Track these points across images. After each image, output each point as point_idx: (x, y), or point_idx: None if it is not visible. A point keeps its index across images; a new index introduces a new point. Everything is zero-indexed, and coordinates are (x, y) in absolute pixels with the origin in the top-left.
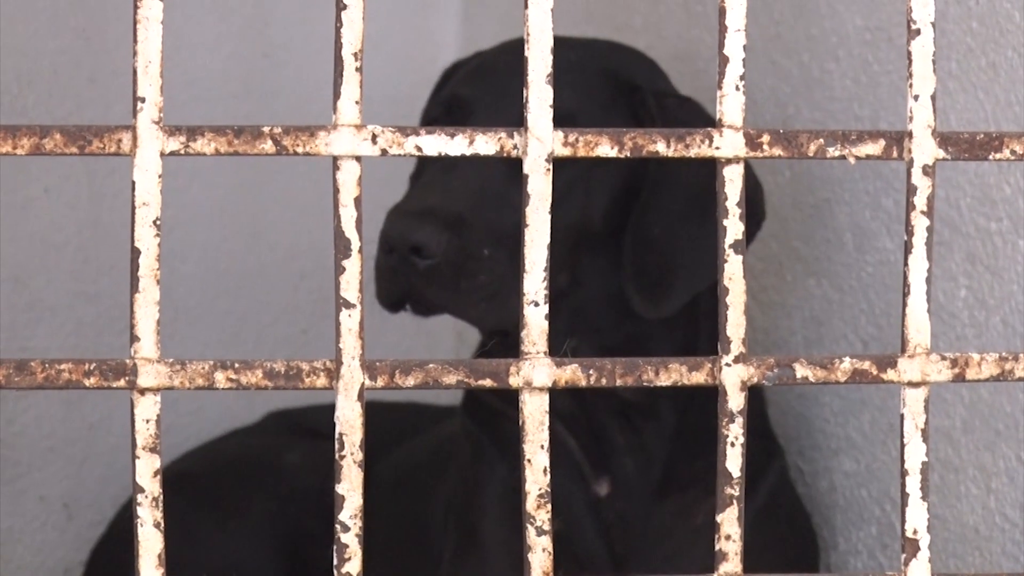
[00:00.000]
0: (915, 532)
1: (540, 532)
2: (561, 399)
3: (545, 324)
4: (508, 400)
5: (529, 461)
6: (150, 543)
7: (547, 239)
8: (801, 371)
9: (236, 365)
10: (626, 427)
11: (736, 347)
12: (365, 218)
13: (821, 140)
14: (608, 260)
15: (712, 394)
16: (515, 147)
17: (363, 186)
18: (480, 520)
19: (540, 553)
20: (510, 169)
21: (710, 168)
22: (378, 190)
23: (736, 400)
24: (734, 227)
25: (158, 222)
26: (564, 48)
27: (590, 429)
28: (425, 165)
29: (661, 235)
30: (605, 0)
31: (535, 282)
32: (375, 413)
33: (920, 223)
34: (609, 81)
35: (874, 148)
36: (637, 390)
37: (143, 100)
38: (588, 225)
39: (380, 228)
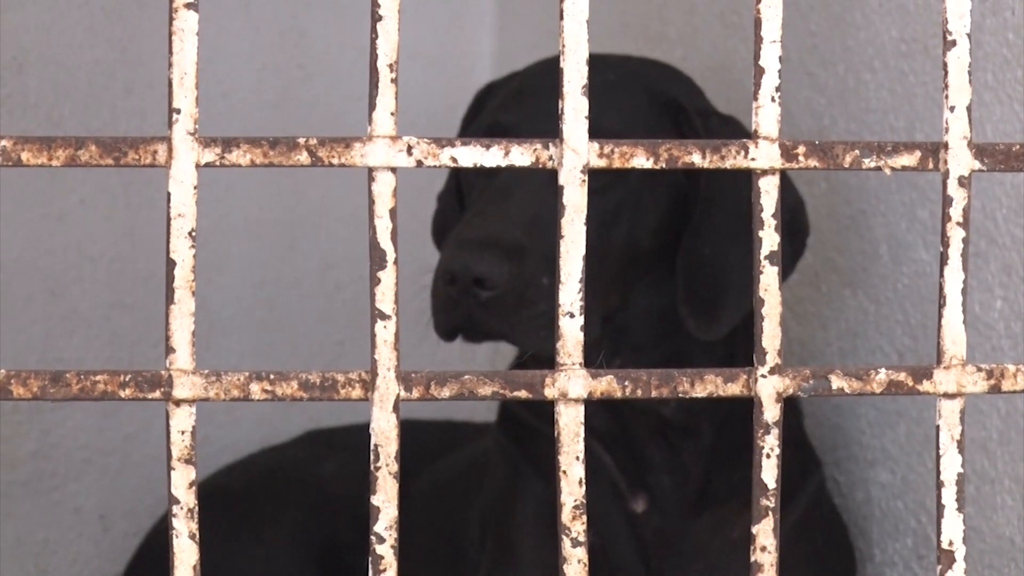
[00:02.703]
0: (951, 544)
1: (576, 544)
2: (598, 417)
3: (580, 335)
4: (542, 416)
5: (564, 472)
6: (185, 555)
7: (582, 250)
8: (837, 382)
9: (271, 376)
10: (663, 445)
11: (772, 358)
12: (400, 229)
13: (857, 151)
14: (656, 280)
15: (750, 408)
16: (551, 158)
17: (398, 197)
18: (516, 536)
19: (576, 565)
20: None
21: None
22: (413, 200)
23: (772, 411)
24: (769, 238)
25: (193, 233)
26: (604, 67)
27: (627, 447)
28: (475, 189)
29: (712, 256)
30: (640, 11)
31: (571, 293)
32: (411, 429)
33: (956, 234)
34: (653, 101)
35: (910, 159)
36: (676, 408)
37: (178, 111)
38: (639, 246)
39: (430, 253)
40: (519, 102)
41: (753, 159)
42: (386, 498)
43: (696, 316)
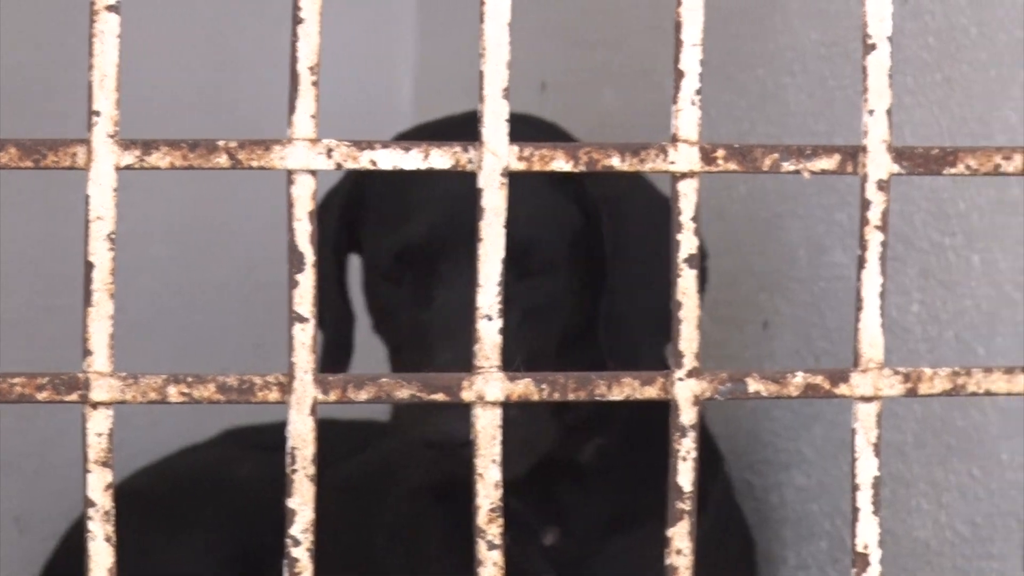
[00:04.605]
0: (866, 547)
1: (491, 547)
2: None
3: (498, 338)
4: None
5: (481, 475)
6: (101, 558)
7: (502, 253)
8: (754, 385)
9: (189, 379)
10: (577, 486)
11: (689, 361)
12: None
13: (776, 155)
14: (585, 333)
15: (666, 429)
16: (470, 161)
17: (317, 200)
18: (423, 547)
19: (491, 568)
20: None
21: (662, 235)
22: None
23: (688, 415)
24: (688, 241)
25: (112, 236)
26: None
27: (539, 491)
28: (404, 320)
29: (626, 312)
30: (563, 16)
31: (489, 296)
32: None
33: (874, 238)
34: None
35: (829, 163)
36: (593, 453)
37: (98, 114)
38: (572, 320)
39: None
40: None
41: (672, 162)
42: (302, 501)
43: (621, 366)
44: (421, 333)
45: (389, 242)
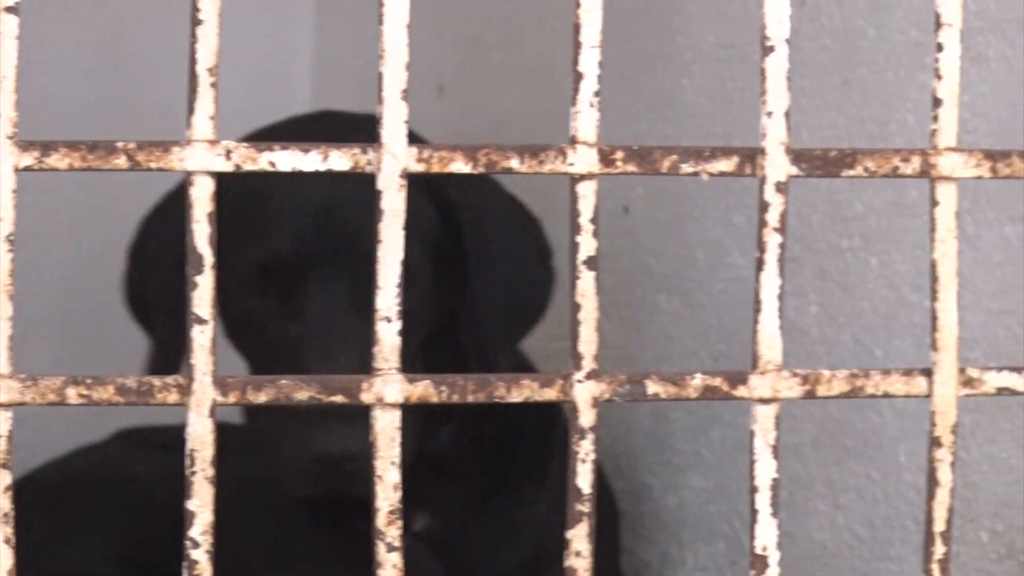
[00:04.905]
0: (764, 549)
1: (391, 549)
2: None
3: (398, 340)
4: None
5: (380, 477)
6: (0, 559)
7: (400, 255)
8: (652, 387)
9: (88, 381)
10: (437, 472)
11: (588, 363)
12: None
13: (675, 156)
14: (448, 333)
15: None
16: (369, 163)
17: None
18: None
19: (390, 570)
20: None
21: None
22: None
23: (588, 417)
24: (587, 243)
25: (12, 237)
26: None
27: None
28: (274, 333)
29: (486, 311)
30: (460, 18)
31: (388, 298)
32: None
33: (772, 240)
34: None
35: (727, 165)
36: (449, 442)
37: None
38: (436, 321)
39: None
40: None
41: (571, 164)
42: (201, 503)
43: (482, 366)
44: (292, 345)
45: (253, 251)
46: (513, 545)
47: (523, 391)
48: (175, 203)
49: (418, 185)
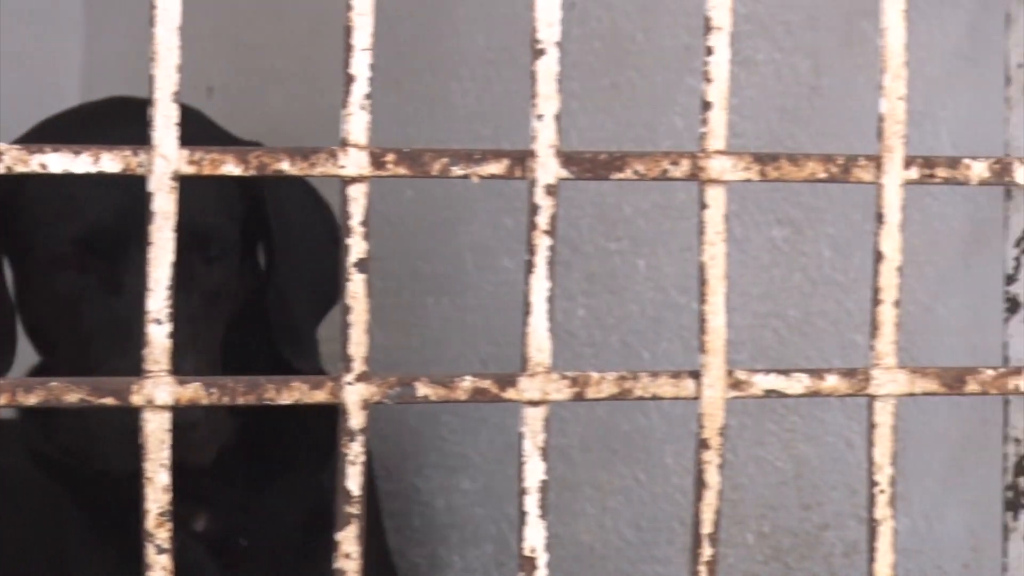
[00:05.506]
0: (533, 550)
1: (160, 551)
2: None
3: (168, 342)
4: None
5: (150, 479)
6: None
7: (171, 257)
8: (422, 390)
9: None
10: (217, 469)
11: (358, 366)
12: None
13: (446, 159)
14: (255, 314)
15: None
16: (140, 164)
17: None
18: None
19: (160, 571)
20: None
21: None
22: None
23: (357, 419)
24: (358, 246)
25: None
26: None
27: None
28: (91, 314)
29: (289, 294)
30: (229, 19)
31: (158, 300)
32: None
33: (542, 242)
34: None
35: (498, 167)
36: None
37: None
38: (244, 301)
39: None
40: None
41: (342, 166)
42: None
43: (290, 348)
44: (113, 321)
45: (69, 227)
46: (292, 513)
47: (293, 393)
48: None
49: None
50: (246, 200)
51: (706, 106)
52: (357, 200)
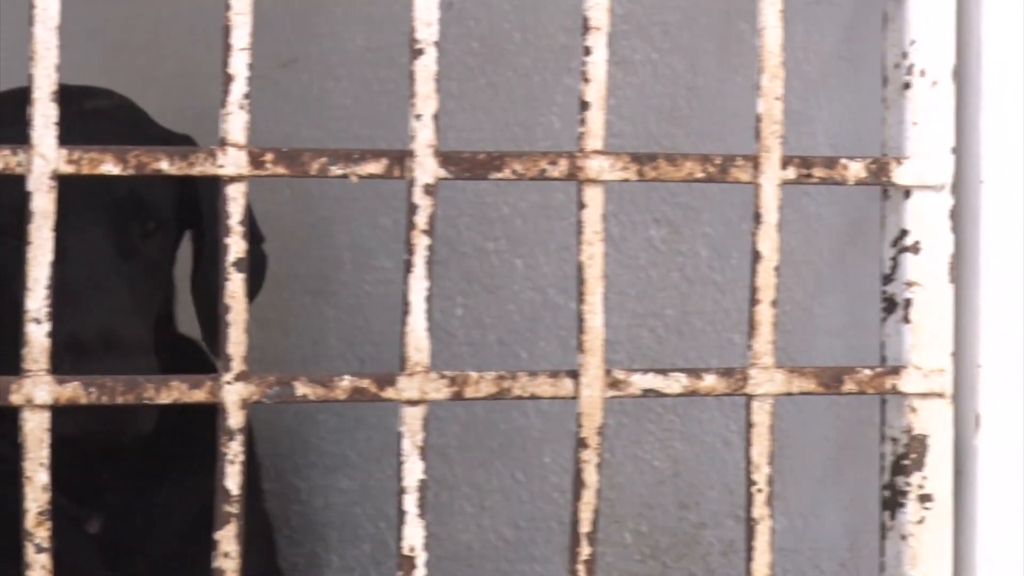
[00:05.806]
0: (412, 549)
1: (39, 550)
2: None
3: (47, 342)
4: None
5: (29, 478)
6: None
7: (50, 256)
8: (301, 389)
9: None
10: (115, 471)
11: (237, 365)
12: None
13: (324, 159)
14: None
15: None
16: (19, 164)
17: None
18: None
19: (39, 571)
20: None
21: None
22: None
23: (236, 418)
24: (236, 245)
25: None
26: (102, 120)
27: (79, 477)
28: None
29: (213, 274)
30: (105, 18)
31: (37, 300)
32: None
33: (421, 242)
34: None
35: (376, 167)
36: (134, 436)
37: None
38: (168, 292)
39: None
40: None
41: (221, 166)
42: None
43: (211, 338)
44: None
45: (5, 197)
46: (183, 512)
47: (172, 393)
48: None
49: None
50: (181, 190)
51: (584, 106)
52: (236, 199)
